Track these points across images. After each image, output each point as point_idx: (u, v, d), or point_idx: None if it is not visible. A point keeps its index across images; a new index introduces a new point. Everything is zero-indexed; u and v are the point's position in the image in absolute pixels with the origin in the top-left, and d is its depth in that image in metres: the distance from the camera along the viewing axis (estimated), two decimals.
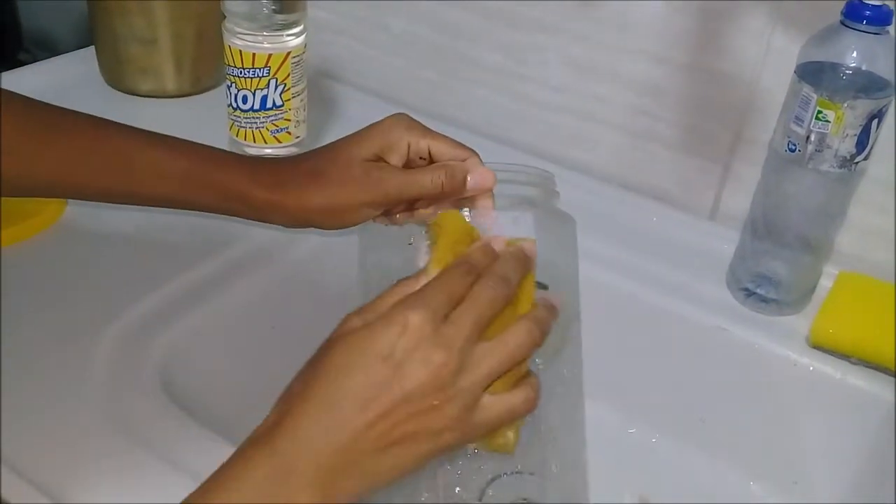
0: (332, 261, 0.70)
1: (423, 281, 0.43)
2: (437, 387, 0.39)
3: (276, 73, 0.71)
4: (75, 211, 0.69)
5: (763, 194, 0.65)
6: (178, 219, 0.67)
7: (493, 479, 0.51)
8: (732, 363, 0.65)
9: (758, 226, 0.65)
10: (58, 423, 0.52)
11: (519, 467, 0.50)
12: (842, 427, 0.62)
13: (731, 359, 0.66)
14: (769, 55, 0.67)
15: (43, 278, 0.62)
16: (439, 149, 0.53)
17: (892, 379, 0.61)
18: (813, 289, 0.66)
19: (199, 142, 0.57)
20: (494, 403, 0.42)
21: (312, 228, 0.56)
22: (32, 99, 0.54)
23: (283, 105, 0.73)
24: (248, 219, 0.57)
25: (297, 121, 0.75)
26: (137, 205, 0.57)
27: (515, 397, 0.43)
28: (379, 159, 0.53)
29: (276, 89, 0.72)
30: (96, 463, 0.50)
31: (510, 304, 0.44)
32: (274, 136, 0.74)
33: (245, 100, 0.72)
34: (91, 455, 0.50)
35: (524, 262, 0.45)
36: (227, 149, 0.72)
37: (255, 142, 0.74)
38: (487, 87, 0.84)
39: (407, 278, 0.44)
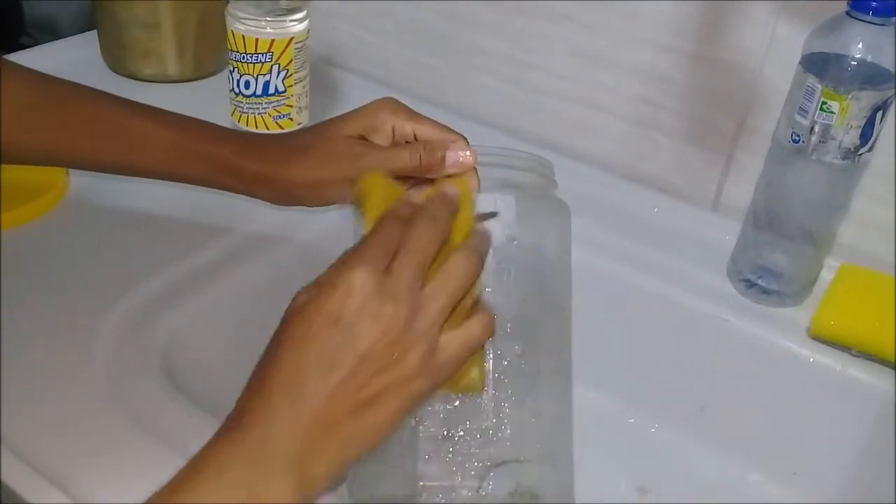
0: (337, 245, 0.70)
1: None
2: (393, 339, 0.40)
3: (278, 59, 0.71)
4: (77, 194, 0.69)
5: (765, 185, 0.64)
6: (180, 202, 0.68)
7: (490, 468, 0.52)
8: (733, 354, 0.65)
9: (760, 217, 0.65)
10: (59, 407, 0.52)
11: (505, 458, 0.49)
12: (842, 418, 0.62)
13: (731, 349, 0.66)
14: (773, 45, 0.67)
15: (44, 262, 0.62)
16: (425, 132, 0.53)
17: (893, 371, 0.61)
18: (814, 281, 0.66)
19: None
20: (453, 339, 0.42)
21: (304, 208, 0.56)
22: (33, 70, 0.56)
23: (285, 91, 0.72)
24: (238, 193, 0.57)
25: (300, 107, 0.74)
26: (132, 175, 0.58)
27: (472, 328, 0.43)
28: (364, 139, 0.54)
29: (278, 75, 0.71)
30: (97, 446, 0.50)
31: (446, 244, 0.44)
32: (276, 122, 0.74)
33: (248, 85, 0.72)
34: (92, 438, 0.50)
35: (449, 200, 0.45)
36: None
37: (256, 127, 0.74)
38: (493, 76, 0.83)
39: (347, 250, 0.44)
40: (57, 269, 0.62)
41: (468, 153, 0.51)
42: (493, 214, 0.49)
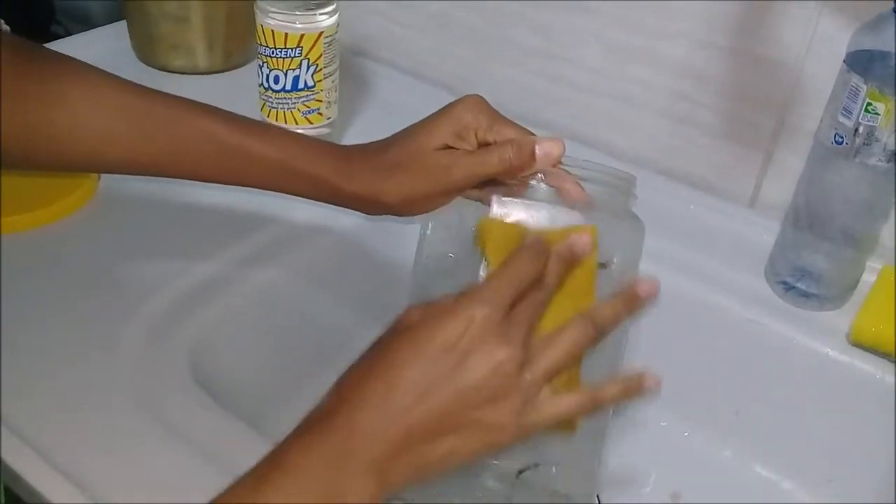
0: (369, 242, 0.70)
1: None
2: (498, 383, 0.40)
3: (307, 54, 0.70)
4: (107, 191, 0.69)
5: (806, 185, 0.63)
6: (210, 200, 0.67)
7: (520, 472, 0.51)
8: (769, 358, 0.64)
9: (800, 217, 0.63)
10: (85, 409, 0.52)
11: (536, 460, 0.50)
12: (880, 427, 0.60)
13: (767, 353, 0.64)
14: (815, 42, 0.65)
15: (73, 260, 0.62)
16: (506, 133, 0.53)
17: None
18: (855, 284, 0.64)
19: None
20: (550, 403, 0.42)
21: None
22: (138, 85, 0.56)
23: (314, 86, 0.72)
24: (334, 204, 0.58)
25: (329, 101, 0.74)
26: (227, 184, 0.59)
27: (572, 402, 0.43)
28: (449, 147, 0.53)
29: (307, 70, 0.71)
30: (123, 448, 0.50)
31: (564, 292, 0.44)
32: (305, 117, 0.73)
33: (277, 80, 0.71)
34: (118, 441, 0.50)
35: (578, 253, 0.45)
36: None
37: (286, 122, 0.73)
38: (522, 68, 0.82)
39: (474, 282, 0.44)
40: (86, 267, 0.62)
41: (557, 146, 0.51)
42: (605, 265, 0.49)
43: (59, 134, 0.54)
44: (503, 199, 0.50)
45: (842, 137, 0.57)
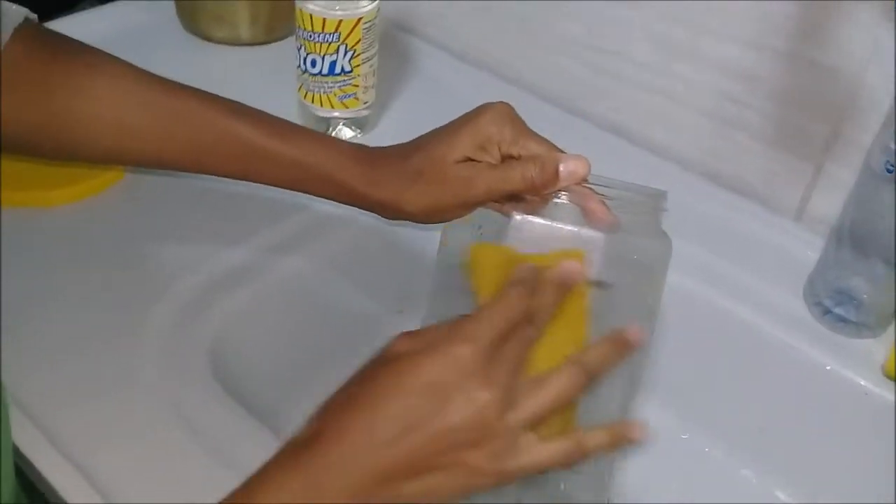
0: (394, 233, 0.69)
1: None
2: (479, 425, 0.39)
3: (345, 39, 0.68)
4: (136, 172, 0.68)
5: (854, 205, 0.60)
6: (236, 187, 0.66)
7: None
8: (800, 382, 0.62)
9: (843, 237, 0.61)
10: (102, 402, 0.52)
11: None
12: None
13: (798, 377, 0.62)
14: (878, 52, 0.61)
15: (97, 241, 0.63)
16: (531, 148, 0.52)
17: None
18: (894, 314, 0.61)
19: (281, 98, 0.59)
20: (533, 449, 0.41)
21: None
22: (154, 77, 0.56)
23: (351, 71, 0.70)
24: (351, 206, 0.58)
25: (366, 86, 0.72)
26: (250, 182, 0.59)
27: (555, 449, 0.41)
28: (471, 160, 0.52)
29: (345, 55, 0.69)
30: (136, 442, 0.51)
31: (555, 321, 0.43)
32: (341, 102, 0.72)
33: (314, 63, 0.70)
34: (132, 434, 0.51)
35: (568, 283, 0.44)
36: (297, 112, 0.72)
37: (322, 105, 0.72)
38: (569, 57, 0.79)
39: (465, 316, 0.42)
40: (111, 248, 0.62)
41: (582, 165, 0.50)
42: (605, 285, 0.47)
43: (82, 127, 0.54)
44: (523, 219, 0.48)
45: (893, 166, 0.54)
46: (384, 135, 0.75)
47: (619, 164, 0.72)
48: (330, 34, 0.68)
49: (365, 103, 0.73)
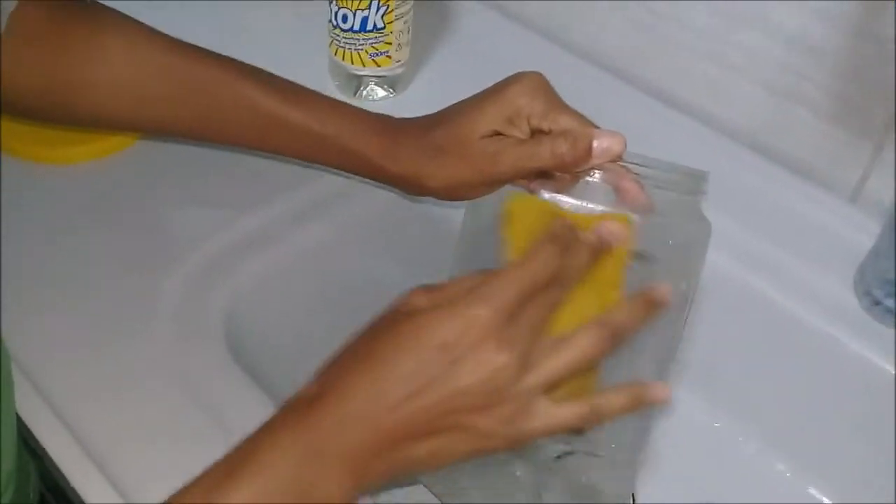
0: (420, 203, 0.66)
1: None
2: (492, 389, 0.38)
3: None
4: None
5: None
6: (253, 153, 0.65)
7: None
8: (842, 375, 0.59)
9: None
10: (113, 374, 0.51)
11: (571, 448, 0.48)
12: None
13: (841, 370, 0.59)
14: None
15: (113, 203, 0.61)
16: (563, 122, 0.48)
17: None
18: None
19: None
20: (546, 413, 0.39)
21: None
22: (173, 40, 0.54)
23: (384, 28, 0.67)
24: (370, 180, 0.56)
25: (399, 44, 0.69)
26: (267, 153, 0.58)
27: (570, 412, 0.39)
28: (499, 133, 0.49)
29: (377, 11, 0.66)
30: (144, 415, 0.50)
31: (588, 283, 0.40)
32: (373, 59, 0.69)
33: (345, 19, 0.67)
34: (140, 406, 0.50)
35: (604, 248, 0.41)
36: (328, 71, 0.69)
37: (353, 63, 0.69)
38: (621, 18, 0.74)
39: (488, 271, 0.40)
40: (124, 210, 0.61)
41: (617, 141, 0.46)
42: (646, 258, 0.44)
43: (98, 92, 0.52)
44: (551, 197, 0.45)
45: None
46: (418, 96, 0.72)
47: (665, 133, 0.69)
48: None
49: (398, 62, 0.70)
